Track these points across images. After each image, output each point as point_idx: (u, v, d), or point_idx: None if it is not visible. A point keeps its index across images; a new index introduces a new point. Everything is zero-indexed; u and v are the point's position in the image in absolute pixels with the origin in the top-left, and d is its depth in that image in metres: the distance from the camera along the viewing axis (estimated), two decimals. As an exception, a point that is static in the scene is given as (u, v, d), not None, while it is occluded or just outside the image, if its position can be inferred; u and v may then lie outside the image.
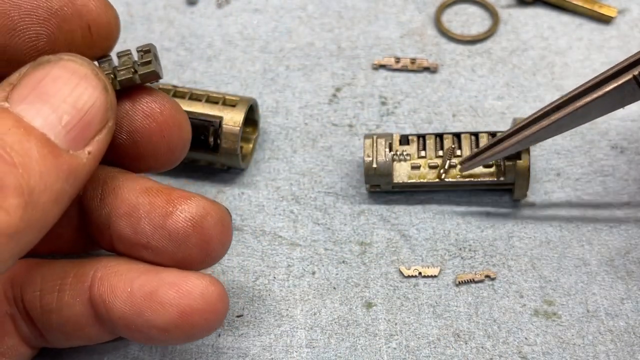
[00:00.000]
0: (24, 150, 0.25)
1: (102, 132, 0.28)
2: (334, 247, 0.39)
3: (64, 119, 0.27)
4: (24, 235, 0.25)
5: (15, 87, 0.27)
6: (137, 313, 0.30)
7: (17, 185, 0.25)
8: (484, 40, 0.47)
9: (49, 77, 0.27)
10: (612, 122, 0.43)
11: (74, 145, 0.27)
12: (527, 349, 0.36)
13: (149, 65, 0.30)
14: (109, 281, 0.30)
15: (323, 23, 0.48)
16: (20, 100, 0.26)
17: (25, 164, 0.25)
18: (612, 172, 0.41)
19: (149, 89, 0.31)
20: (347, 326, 0.37)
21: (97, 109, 0.28)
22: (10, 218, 0.24)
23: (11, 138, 0.25)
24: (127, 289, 0.30)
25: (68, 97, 0.27)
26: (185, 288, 0.30)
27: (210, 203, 0.31)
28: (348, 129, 0.44)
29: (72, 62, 0.28)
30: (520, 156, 0.38)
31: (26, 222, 0.25)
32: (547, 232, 0.39)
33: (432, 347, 0.36)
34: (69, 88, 0.27)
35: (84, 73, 0.28)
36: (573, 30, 0.47)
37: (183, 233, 0.30)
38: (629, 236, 0.39)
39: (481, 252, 0.39)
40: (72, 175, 0.27)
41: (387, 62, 0.46)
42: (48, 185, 0.26)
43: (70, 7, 0.29)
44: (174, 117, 0.31)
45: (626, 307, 0.37)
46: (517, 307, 0.37)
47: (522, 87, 0.44)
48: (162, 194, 0.30)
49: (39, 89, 0.27)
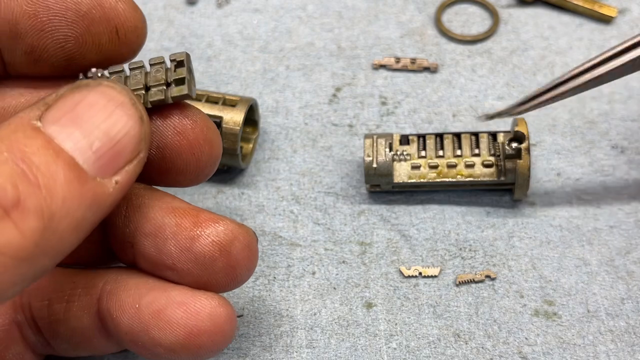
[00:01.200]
0: (50, 173, 0.25)
1: (132, 162, 0.27)
2: (334, 247, 0.39)
3: (95, 145, 0.26)
4: (38, 260, 0.25)
5: (50, 107, 0.26)
6: (143, 330, 0.29)
7: (37, 208, 0.24)
8: (484, 40, 0.47)
9: (85, 101, 0.27)
10: (613, 122, 0.43)
11: (102, 173, 0.26)
12: (527, 349, 0.36)
13: (182, 86, 0.29)
14: (117, 295, 0.30)
15: (323, 23, 0.48)
16: (54, 121, 0.26)
17: (49, 187, 0.24)
18: (612, 172, 0.41)
19: (181, 104, 0.30)
20: (347, 326, 0.37)
21: (130, 139, 0.27)
22: (25, 241, 0.24)
23: (39, 158, 0.25)
24: (135, 305, 0.29)
25: (102, 124, 0.26)
26: (193, 308, 0.29)
27: (238, 227, 0.30)
28: (348, 129, 0.43)
29: (110, 88, 0.27)
30: (521, 156, 0.38)
31: (41, 248, 0.24)
32: (548, 232, 0.39)
33: (433, 347, 0.36)
34: (104, 115, 0.26)
35: (121, 101, 0.27)
36: (573, 30, 0.47)
37: (210, 257, 0.29)
38: (630, 236, 0.39)
39: (481, 252, 0.39)
40: (96, 203, 0.26)
41: (387, 62, 0.46)
42: (70, 211, 0.25)
43: (98, 10, 0.29)
44: (205, 135, 0.30)
45: (626, 307, 0.37)
46: (517, 307, 0.37)
47: (523, 87, 0.44)
48: (189, 215, 0.30)
49: (74, 112, 0.26)
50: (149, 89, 0.29)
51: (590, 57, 0.36)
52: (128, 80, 0.30)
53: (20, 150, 0.24)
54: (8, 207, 0.23)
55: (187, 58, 0.30)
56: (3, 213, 0.23)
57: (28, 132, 0.25)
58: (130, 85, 0.29)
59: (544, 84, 0.44)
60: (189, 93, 0.29)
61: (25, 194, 0.24)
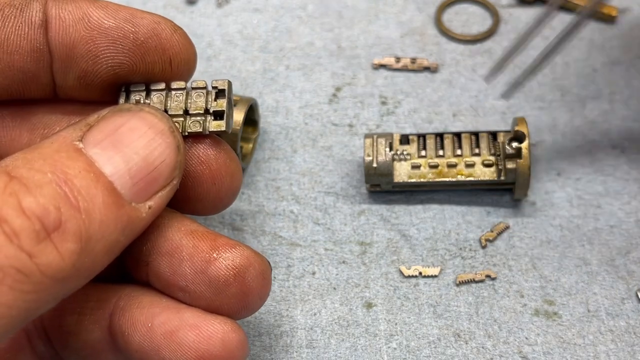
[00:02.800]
0: (90, 196, 0.25)
1: (165, 188, 0.28)
2: (334, 247, 0.39)
3: (132, 171, 0.27)
4: (71, 281, 0.25)
5: (91, 128, 0.27)
6: (154, 350, 0.29)
7: (77, 231, 0.25)
8: (485, 39, 0.46)
9: (126, 126, 0.27)
10: (613, 122, 0.43)
11: (137, 197, 0.27)
12: (527, 349, 0.36)
13: (221, 122, 0.30)
14: (130, 312, 0.30)
15: (323, 22, 0.48)
16: (95, 143, 0.27)
17: (88, 211, 0.25)
18: (612, 172, 0.41)
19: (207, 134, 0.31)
20: (347, 326, 0.37)
21: (166, 166, 0.28)
22: (63, 263, 0.24)
23: (80, 181, 0.25)
24: (148, 324, 0.29)
25: (141, 150, 0.27)
26: (206, 332, 0.29)
27: (254, 254, 0.30)
28: (348, 129, 0.43)
29: (151, 115, 0.28)
30: (521, 155, 0.38)
31: (77, 269, 0.25)
32: (548, 232, 0.39)
33: (433, 347, 0.36)
34: (143, 141, 0.27)
35: (161, 129, 0.28)
36: (574, 29, 0.47)
37: (224, 281, 0.29)
38: (630, 236, 0.39)
39: (481, 252, 0.39)
40: (130, 227, 0.27)
41: (388, 61, 0.46)
42: (105, 234, 0.26)
43: (154, 40, 0.29)
44: (227, 166, 0.31)
45: (627, 307, 0.37)
46: (517, 307, 0.37)
47: (523, 86, 0.44)
48: (207, 238, 0.30)
49: (115, 136, 0.27)
50: (187, 112, 0.30)
51: None
52: (169, 100, 0.30)
53: (63, 172, 0.25)
54: (50, 229, 0.24)
55: (228, 87, 0.30)
56: (45, 235, 0.24)
57: (71, 153, 0.26)
58: (170, 108, 0.30)
59: (543, 82, 0.44)
60: (226, 130, 0.30)
61: (66, 216, 0.24)
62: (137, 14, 0.30)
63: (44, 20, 0.29)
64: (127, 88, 0.30)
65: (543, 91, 0.44)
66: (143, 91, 0.30)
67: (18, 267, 0.23)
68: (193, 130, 0.30)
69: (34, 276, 0.24)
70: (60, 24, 0.29)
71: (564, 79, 0.44)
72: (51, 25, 0.29)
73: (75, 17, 0.29)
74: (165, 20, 0.30)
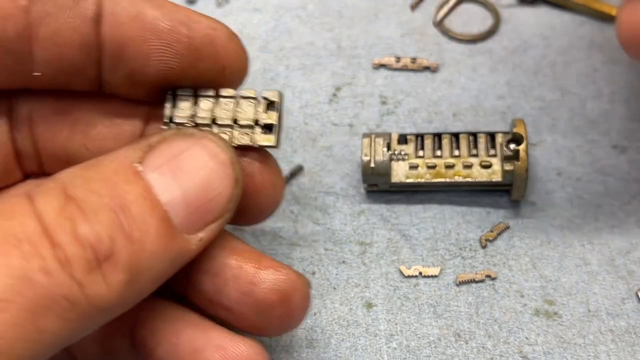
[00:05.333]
0: (145, 226, 0.25)
1: (218, 220, 0.27)
2: (334, 247, 0.39)
3: (188, 201, 0.26)
4: (115, 310, 0.25)
5: (152, 150, 0.26)
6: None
7: (127, 262, 0.24)
8: (485, 39, 0.46)
9: (188, 152, 0.27)
10: (614, 122, 0.43)
11: (189, 229, 0.26)
12: (527, 349, 0.36)
13: (270, 136, 0.29)
14: (154, 325, 0.29)
15: (323, 22, 0.48)
16: (154, 167, 0.26)
17: (141, 242, 0.25)
18: (613, 172, 0.41)
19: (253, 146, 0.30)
20: (347, 326, 0.37)
21: (222, 198, 0.27)
22: (110, 294, 0.24)
23: (137, 209, 0.25)
24: (173, 339, 0.29)
25: (200, 180, 0.27)
26: (231, 354, 0.28)
27: (298, 277, 0.30)
28: (348, 129, 0.43)
29: (214, 143, 0.27)
30: (519, 157, 0.38)
31: (122, 299, 0.25)
32: (548, 232, 0.39)
33: (433, 347, 0.36)
34: (204, 172, 0.27)
35: (222, 160, 0.27)
36: (574, 29, 0.47)
37: (269, 304, 0.29)
38: (630, 236, 0.39)
39: (482, 251, 0.39)
40: (179, 258, 0.26)
41: (388, 61, 0.46)
42: (154, 265, 0.25)
43: (209, 48, 0.29)
44: (271, 179, 0.30)
45: (627, 307, 0.37)
46: (517, 307, 0.37)
47: (523, 86, 0.44)
48: (252, 259, 0.29)
49: (175, 162, 0.26)
50: (236, 122, 0.29)
51: None
52: (217, 108, 0.29)
53: (120, 197, 0.25)
54: (102, 258, 0.24)
55: (280, 98, 0.30)
56: (96, 265, 0.24)
57: (129, 176, 0.25)
58: (218, 117, 0.29)
59: (543, 82, 0.44)
60: (275, 145, 0.29)
61: (119, 246, 0.24)
62: (194, 17, 0.29)
63: (98, 14, 0.28)
64: (174, 92, 0.30)
65: (543, 91, 0.44)
66: (191, 96, 0.30)
67: (67, 296, 0.23)
68: (242, 142, 0.29)
69: (81, 306, 0.24)
70: (114, 20, 0.28)
71: (564, 79, 0.44)
72: (104, 20, 0.28)
73: (130, 14, 0.28)
74: (222, 26, 0.29)
